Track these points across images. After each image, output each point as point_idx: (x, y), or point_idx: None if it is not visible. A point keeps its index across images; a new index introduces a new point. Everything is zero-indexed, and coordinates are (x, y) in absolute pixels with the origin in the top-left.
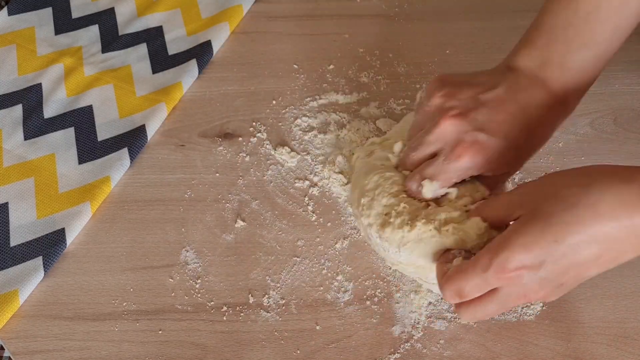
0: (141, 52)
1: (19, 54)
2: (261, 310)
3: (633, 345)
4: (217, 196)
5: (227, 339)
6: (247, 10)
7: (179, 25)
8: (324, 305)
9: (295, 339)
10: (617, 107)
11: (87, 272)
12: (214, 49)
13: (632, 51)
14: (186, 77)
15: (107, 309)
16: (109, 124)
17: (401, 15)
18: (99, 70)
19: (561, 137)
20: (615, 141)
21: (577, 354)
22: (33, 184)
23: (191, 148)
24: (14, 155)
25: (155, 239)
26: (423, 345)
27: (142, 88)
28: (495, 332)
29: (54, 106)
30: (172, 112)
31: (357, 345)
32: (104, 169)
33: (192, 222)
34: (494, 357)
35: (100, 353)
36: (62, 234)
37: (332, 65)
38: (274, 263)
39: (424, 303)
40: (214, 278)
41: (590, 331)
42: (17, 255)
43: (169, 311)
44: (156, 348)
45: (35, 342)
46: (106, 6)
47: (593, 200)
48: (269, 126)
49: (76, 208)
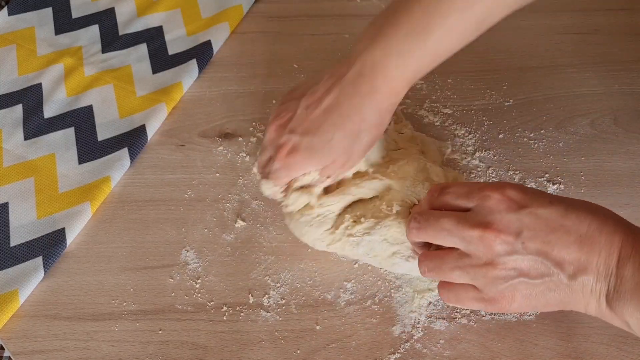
0: (141, 52)
1: (19, 54)
2: (261, 310)
3: (633, 345)
4: (217, 196)
5: (227, 339)
6: (247, 10)
7: (179, 25)
8: (324, 305)
9: (296, 339)
10: (617, 107)
11: (87, 272)
12: (214, 49)
13: (632, 51)
14: (186, 77)
15: (107, 309)
16: (109, 124)
17: None
18: (99, 70)
19: (561, 137)
20: (615, 141)
21: (577, 354)
22: (33, 184)
23: (191, 148)
24: (14, 155)
25: (155, 239)
26: (423, 345)
27: (142, 88)
28: (495, 332)
29: (54, 106)
30: (172, 112)
31: (357, 345)
32: (104, 169)
33: (192, 222)
34: (494, 357)
35: (100, 353)
36: (62, 234)
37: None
38: (274, 263)
39: (424, 303)
40: (214, 278)
41: (590, 331)
42: (17, 255)
43: (169, 311)
44: (156, 348)
45: (35, 342)
46: (106, 6)
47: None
48: None
49: (76, 208)
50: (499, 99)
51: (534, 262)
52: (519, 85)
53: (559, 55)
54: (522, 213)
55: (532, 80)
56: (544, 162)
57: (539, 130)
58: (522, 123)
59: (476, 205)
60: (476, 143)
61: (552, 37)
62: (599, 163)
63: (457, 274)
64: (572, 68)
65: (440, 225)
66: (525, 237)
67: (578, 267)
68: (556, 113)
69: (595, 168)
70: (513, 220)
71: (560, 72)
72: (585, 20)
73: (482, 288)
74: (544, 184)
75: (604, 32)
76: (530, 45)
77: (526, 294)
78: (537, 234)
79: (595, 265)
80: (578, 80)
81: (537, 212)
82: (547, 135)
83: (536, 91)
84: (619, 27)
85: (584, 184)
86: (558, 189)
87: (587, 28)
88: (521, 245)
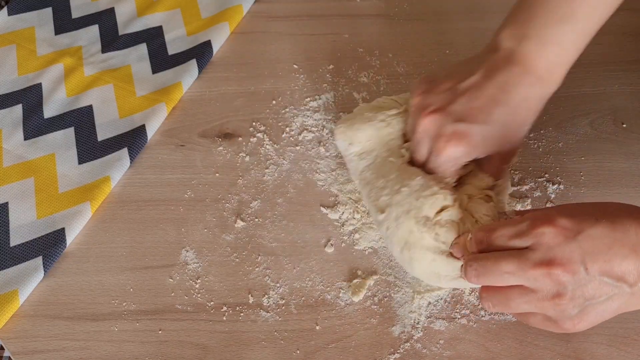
0: (141, 52)
1: (19, 54)
2: (261, 310)
3: (633, 345)
4: (217, 196)
5: (227, 339)
6: (247, 10)
7: (179, 25)
8: (323, 305)
9: (295, 339)
10: (617, 107)
11: (87, 272)
12: (214, 49)
13: (632, 51)
14: (186, 77)
15: (106, 309)
16: (109, 124)
17: (401, 15)
18: (99, 70)
19: (561, 137)
20: (615, 141)
21: (577, 354)
22: (33, 184)
23: (191, 148)
24: (14, 155)
25: (155, 239)
26: (423, 345)
27: (142, 88)
28: (495, 332)
29: (54, 106)
30: (172, 112)
31: (357, 345)
32: (104, 169)
33: (192, 222)
34: (494, 357)
35: (100, 353)
36: (62, 234)
37: (332, 65)
38: (274, 263)
39: (423, 303)
40: (213, 278)
41: (590, 331)
42: (17, 255)
43: (169, 311)
44: (156, 348)
45: (35, 342)
46: (106, 6)
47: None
48: (268, 126)
49: (76, 208)
50: None
51: (599, 284)
52: None
53: None
54: (580, 239)
55: None
56: (544, 162)
57: (539, 130)
58: None
59: (533, 244)
60: None
61: None
62: (599, 163)
63: (525, 308)
64: (572, 68)
65: (501, 269)
66: (587, 262)
67: (637, 274)
68: (556, 113)
69: (595, 168)
70: (574, 249)
71: None
72: None
73: (551, 316)
74: (543, 184)
75: (604, 32)
76: None
77: (593, 312)
78: (597, 256)
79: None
80: (578, 80)
81: (591, 233)
82: (547, 135)
83: None
84: (619, 27)
85: (583, 184)
86: (558, 189)
87: None
88: (584, 271)
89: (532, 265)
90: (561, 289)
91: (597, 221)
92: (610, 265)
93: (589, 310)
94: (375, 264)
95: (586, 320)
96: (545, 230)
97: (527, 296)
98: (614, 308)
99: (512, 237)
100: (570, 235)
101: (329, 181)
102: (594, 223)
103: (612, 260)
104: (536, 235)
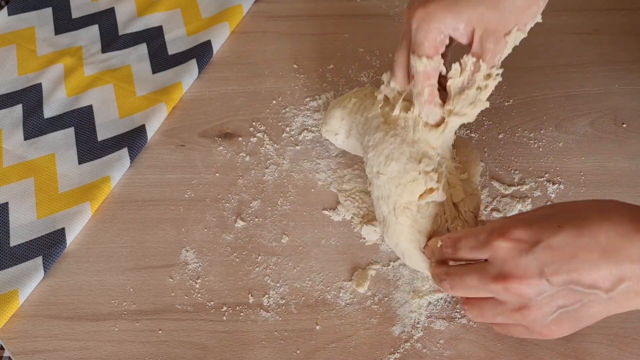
0: (141, 52)
1: (19, 54)
2: (261, 310)
3: (633, 345)
4: (217, 196)
5: (227, 339)
6: (247, 10)
7: (179, 25)
8: (324, 305)
9: (295, 339)
10: (617, 107)
11: (87, 272)
12: (214, 49)
13: (632, 51)
14: (186, 77)
15: (107, 309)
16: (109, 124)
17: (401, 15)
18: (99, 70)
19: (561, 137)
20: (615, 141)
21: (577, 354)
22: (33, 184)
23: (191, 148)
24: (14, 155)
25: (155, 239)
26: (423, 345)
27: (142, 88)
28: (495, 332)
29: (54, 106)
30: (172, 112)
31: (357, 345)
32: (103, 169)
33: (192, 222)
34: (494, 357)
35: (100, 353)
36: (62, 234)
37: (332, 65)
38: (274, 263)
39: (424, 303)
40: (213, 278)
41: (590, 331)
42: (17, 255)
43: (169, 311)
44: (156, 348)
45: (35, 342)
46: (106, 6)
47: (605, 208)
48: (268, 126)
49: (76, 208)
50: (498, 98)
51: (568, 292)
52: (519, 85)
53: (559, 55)
54: (536, 251)
55: (532, 80)
56: (544, 162)
57: (538, 130)
58: (522, 123)
59: (489, 257)
60: (476, 143)
61: (552, 37)
62: (599, 163)
63: (500, 319)
64: (572, 68)
65: (466, 283)
66: (547, 273)
67: (613, 280)
68: (556, 113)
69: (595, 168)
70: (529, 262)
71: (560, 72)
72: (585, 20)
73: (527, 326)
74: (544, 184)
75: (604, 32)
76: (531, 45)
77: (570, 319)
78: (559, 267)
79: (630, 269)
80: (578, 80)
81: (551, 243)
82: (547, 135)
83: (536, 91)
84: (619, 27)
85: (584, 184)
86: (558, 189)
87: (587, 28)
88: (547, 282)
89: (490, 279)
90: (524, 301)
91: (559, 228)
92: (578, 274)
93: (564, 317)
94: (375, 262)
95: (564, 327)
96: (500, 244)
97: (499, 307)
98: (593, 314)
99: (472, 249)
100: (525, 248)
101: (329, 181)
102: (555, 231)
103: (578, 269)
104: (492, 249)
